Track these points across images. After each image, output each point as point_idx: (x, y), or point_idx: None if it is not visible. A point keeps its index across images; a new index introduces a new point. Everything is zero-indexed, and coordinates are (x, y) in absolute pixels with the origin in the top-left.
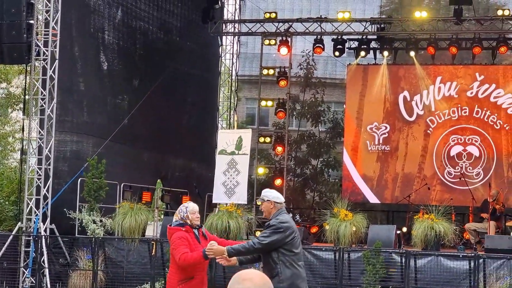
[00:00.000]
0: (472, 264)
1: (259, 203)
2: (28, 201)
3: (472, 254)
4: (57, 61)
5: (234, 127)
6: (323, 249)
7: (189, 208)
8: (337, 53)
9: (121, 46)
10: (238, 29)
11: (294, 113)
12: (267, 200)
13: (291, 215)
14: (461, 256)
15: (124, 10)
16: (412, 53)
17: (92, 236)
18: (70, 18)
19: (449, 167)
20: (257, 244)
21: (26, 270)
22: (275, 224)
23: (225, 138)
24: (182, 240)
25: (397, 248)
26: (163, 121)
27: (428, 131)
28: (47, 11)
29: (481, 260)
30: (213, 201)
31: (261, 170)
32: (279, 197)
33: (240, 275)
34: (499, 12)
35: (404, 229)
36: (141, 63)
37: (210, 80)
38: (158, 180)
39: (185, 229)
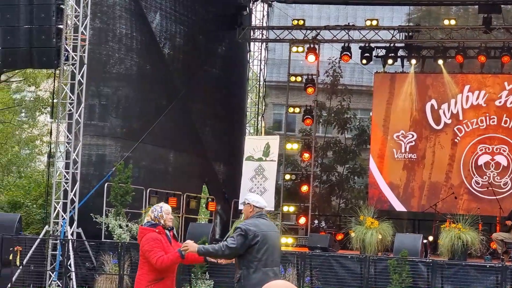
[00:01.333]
0: (499, 274)
1: (241, 207)
2: (56, 204)
3: (500, 265)
4: (85, 65)
5: (261, 133)
6: (349, 257)
7: (163, 208)
8: (364, 61)
9: (153, 49)
10: (266, 35)
11: (321, 120)
12: (247, 203)
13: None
14: (488, 266)
15: (163, 15)
16: (440, 62)
17: (118, 241)
18: (102, 22)
19: (476, 176)
20: (225, 247)
21: (52, 274)
22: (240, 227)
23: (252, 144)
24: (156, 242)
25: (423, 257)
26: (193, 125)
27: (456, 140)
28: (76, 16)
29: (508, 271)
30: (239, 208)
31: (287, 177)
32: (260, 201)
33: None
34: None
35: (431, 238)
36: (173, 66)
37: (238, 86)
38: (204, 185)
39: (158, 230)
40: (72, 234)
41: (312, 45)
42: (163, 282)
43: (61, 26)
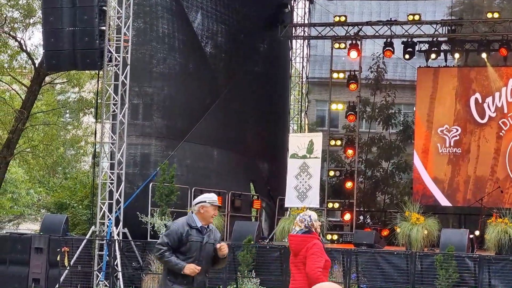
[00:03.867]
0: None
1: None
2: (101, 205)
3: None
4: (128, 66)
5: (304, 130)
6: (395, 253)
7: (312, 217)
8: (407, 56)
9: (195, 48)
10: (307, 32)
11: (365, 115)
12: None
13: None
14: None
15: (204, 14)
16: (483, 55)
17: None
18: (144, 23)
19: None
20: None
21: (100, 274)
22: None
23: (296, 141)
24: (321, 252)
25: (470, 253)
26: (236, 123)
27: (501, 134)
28: (118, 18)
29: None
30: (285, 205)
31: (331, 173)
32: None
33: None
34: None
35: (477, 233)
36: (215, 65)
37: (281, 83)
38: (251, 184)
39: (319, 238)
40: (118, 234)
41: (354, 41)
42: None
43: (104, 28)
